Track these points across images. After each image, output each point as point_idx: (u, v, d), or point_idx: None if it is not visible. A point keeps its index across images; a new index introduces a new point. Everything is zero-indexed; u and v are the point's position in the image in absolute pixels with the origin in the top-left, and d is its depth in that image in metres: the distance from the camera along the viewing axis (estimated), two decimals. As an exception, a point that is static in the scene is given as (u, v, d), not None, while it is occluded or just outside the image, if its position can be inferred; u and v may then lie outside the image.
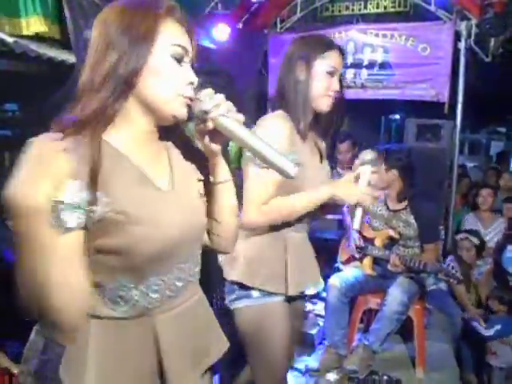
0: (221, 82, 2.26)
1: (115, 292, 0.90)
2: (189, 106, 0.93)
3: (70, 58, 2.56)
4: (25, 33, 2.70)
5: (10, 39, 2.64)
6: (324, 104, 1.54)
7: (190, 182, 1.03)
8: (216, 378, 2.64)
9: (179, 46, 0.90)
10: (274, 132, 1.46)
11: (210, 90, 0.93)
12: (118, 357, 0.91)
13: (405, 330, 2.88)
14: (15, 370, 2.31)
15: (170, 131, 1.00)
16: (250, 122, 2.52)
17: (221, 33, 4.10)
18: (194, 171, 1.05)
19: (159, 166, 0.98)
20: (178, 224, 0.94)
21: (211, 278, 2.45)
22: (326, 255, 3.52)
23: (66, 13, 2.54)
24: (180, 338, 0.98)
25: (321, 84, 1.52)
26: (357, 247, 2.98)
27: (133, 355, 0.93)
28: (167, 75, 0.89)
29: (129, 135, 0.92)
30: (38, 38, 2.79)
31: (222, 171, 1.05)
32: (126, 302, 0.91)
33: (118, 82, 0.85)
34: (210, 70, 2.25)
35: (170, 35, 0.89)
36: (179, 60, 0.90)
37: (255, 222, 1.49)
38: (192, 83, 0.92)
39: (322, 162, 1.67)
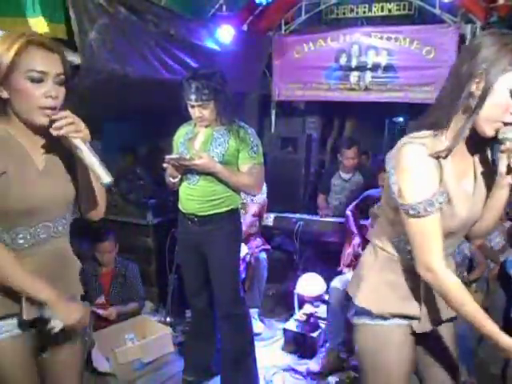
0: (224, 84, 2.27)
1: None
2: None
3: (75, 59, 2.56)
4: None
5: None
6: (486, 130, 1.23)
7: (61, 168, 1.38)
8: (217, 378, 2.64)
9: (34, 70, 1.20)
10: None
11: None
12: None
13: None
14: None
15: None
16: (253, 124, 2.52)
17: (225, 35, 4.09)
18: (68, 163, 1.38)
19: (50, 156, 1.34)
20: (40, 193, 1.30)
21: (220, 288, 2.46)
22: (329, 258, 3.53)
23: (71, 14, 2.54)
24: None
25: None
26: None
27: None
28: (23, 93, 1.21)
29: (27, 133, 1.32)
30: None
31: None
32: (4, 241, 1.30)
33: None
34: (214, 71, 2.25)
35: (27, 63, 1.20)
36: (37, 81, 1.21)
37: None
38: (50, 96, 1.22)
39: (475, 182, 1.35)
